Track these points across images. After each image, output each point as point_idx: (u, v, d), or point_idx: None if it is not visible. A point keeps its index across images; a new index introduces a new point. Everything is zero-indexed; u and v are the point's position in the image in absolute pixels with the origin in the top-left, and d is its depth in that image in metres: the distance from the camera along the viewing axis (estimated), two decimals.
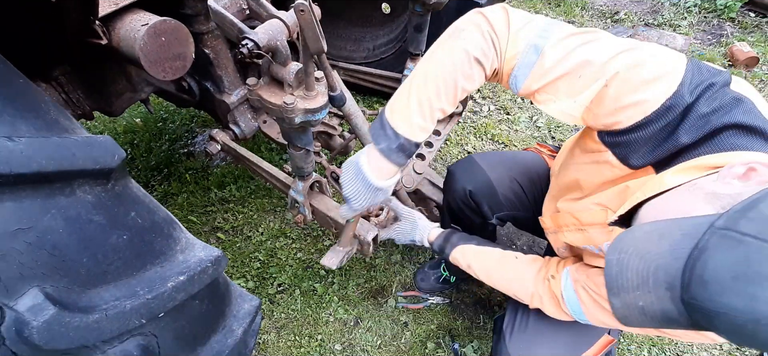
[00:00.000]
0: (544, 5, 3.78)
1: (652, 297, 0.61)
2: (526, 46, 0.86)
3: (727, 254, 0.55)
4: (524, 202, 1.36)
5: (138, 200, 0.76)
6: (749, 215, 0.56)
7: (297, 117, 0.99)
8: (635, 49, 0.82)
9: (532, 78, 0.88)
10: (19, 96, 0.64)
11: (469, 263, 1.24)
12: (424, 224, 1.38)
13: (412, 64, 1.90)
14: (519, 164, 1.38)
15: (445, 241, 1.31)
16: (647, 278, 0.62)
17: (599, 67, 0.81)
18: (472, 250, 1.25)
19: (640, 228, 0.69)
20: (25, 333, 0.57)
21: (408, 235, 1.38)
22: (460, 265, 1.27)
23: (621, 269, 0.65)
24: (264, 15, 0.99)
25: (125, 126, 2.78)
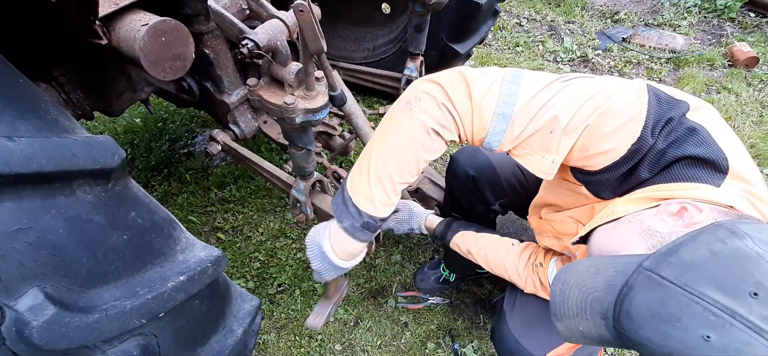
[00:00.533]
0: (544, 5, 3.78)
1: (590, 324, 0.70)
2: (493, 115, 0.86)
3: (648, 295, 0.63)
4: (526, 188, 1.38)
5: (138, 201, 0.76)
6: (670, 260, 0.63)
7: (298, 117, 0.99)
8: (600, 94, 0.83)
9: (505, 142, 0.89)
10: (19, 96, 0.64)
11: (469, 248, 1.32)
12: (419, 211, 1.46)
13: (412, 64, 1.90)
14: None
15: (446, 228, 1.39)
16: (585, 308, 0.70)
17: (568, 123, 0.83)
18: (472, 236, 1.33)
19: (581, 262, 0.76)
20: (26, 333, 0.56)
21: (406, 223, 1.44)
22: (460, 251, 1.35)
23: (563, 298, 0.74)
24: (264, 15, 0.99)
25: (125, 126, 2.78)
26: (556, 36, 3.44)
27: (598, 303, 0.69)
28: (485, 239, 1.32)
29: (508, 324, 1.22)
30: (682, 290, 0.60)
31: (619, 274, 0.68)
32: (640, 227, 0.76)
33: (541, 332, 1.19)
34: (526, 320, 1.22)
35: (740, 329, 0.57)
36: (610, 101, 0.83)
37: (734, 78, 2.96)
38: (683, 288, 0.60)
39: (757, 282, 0.58)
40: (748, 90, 2.89)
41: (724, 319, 0.58)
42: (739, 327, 0.57)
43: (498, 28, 3.52)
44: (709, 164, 0.77)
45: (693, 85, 2.93)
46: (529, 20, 3.61)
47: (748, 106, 2.76)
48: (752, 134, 2.56)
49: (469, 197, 1.43)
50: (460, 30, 2.04)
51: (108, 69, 1.47)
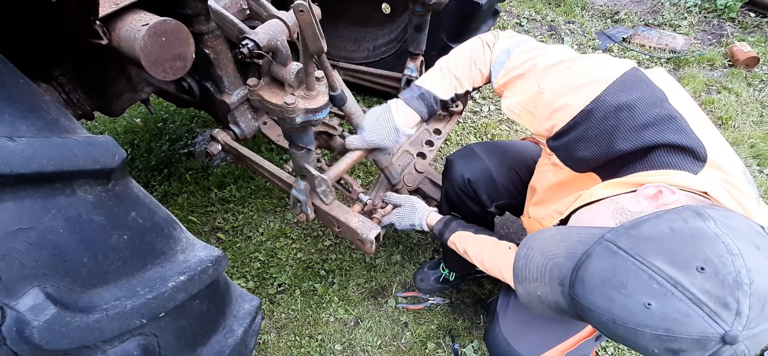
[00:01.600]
0: (544, 5, 3.78)
1: (547, 289, 0.73)
2: (502, 49, 1.14)
3: (602, 262, 0.66)
4: (522, 190, 1.38)
5: (138, 201, 0.76)
6: (630, 233, 0.66)
7: (298, 117, 0.99)
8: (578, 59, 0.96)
9: (502, 74, 1.12)
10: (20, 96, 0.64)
11: (465, 249, 1.31)
12: (422, 207, 1.46)
13: (412, 64, 1.90)
14: (517, 153, 1.41)
15: (444, 226, 1.38)
16: (545, 273, 0.74)
17: (540, 72, 1.00)
18: (469, 237, 1.32)
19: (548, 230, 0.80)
20: (26, 332, 0.57)
21: (408, 218, 1.44)
22: (457, 250, 1.34)
23: (526, 262, 0.77)
24: (264, 15, 0.99)
25: (125, 126, 2.78)
26: (556, 36, 3.44)
27: (557, 269, 0.72)
28: (482, 240, 1.30)
29: (501, 326, 1.23)
30: (633, 259, 0.62)
31: (582, 243, 0.70)
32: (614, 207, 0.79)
33: (533, 335, 1.19)
34: (518, 322, 1.22)
35: (680, 299, 0.58)
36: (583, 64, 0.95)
37: (734, 78, 2.96)
38: (634, 258, 0.62)
39: (706, 258, 0.59)
40: (748, 90, 2.89)
41: (666, 288, 0.59)
42: (680, 297, 0.59)
43: (498, 28, 3.52)
44: (688, 152, 0.79)
45: (693, 85, 2.93)
46: (529, 20, 3.61)
47: (748, 106, 2.76)
48: (752, 134, 2.56)
49: (465, 200, 1.43)
50: (460, 30, 2.04)
51: (108, 69, 1.47)
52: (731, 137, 2.56)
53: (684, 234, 0.62)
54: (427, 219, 1.43)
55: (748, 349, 0.58)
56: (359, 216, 1.36)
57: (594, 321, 0.66)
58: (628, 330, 0.62)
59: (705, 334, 0.58)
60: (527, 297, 0.78)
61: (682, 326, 0.58)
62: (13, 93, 0.63)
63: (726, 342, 0.57)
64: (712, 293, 0.57)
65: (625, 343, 0.65)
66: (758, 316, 0.57)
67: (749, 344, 0.58)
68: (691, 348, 0.59)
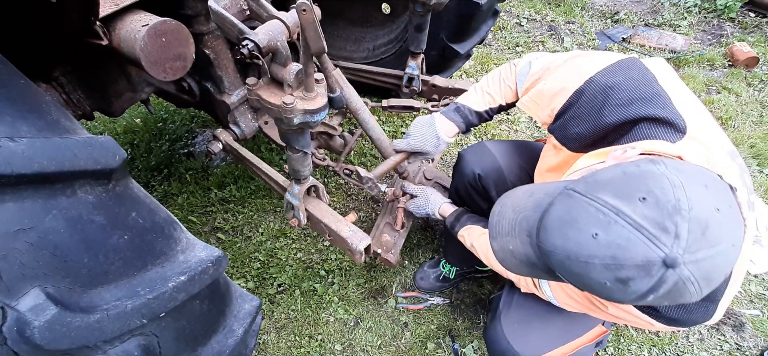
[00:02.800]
0: (544, 5, 3.78)
1: (518, 242, 0.76)
2: (525, 62, 1.27)
3: (561, 207, 0.70)
4: None
5: (139, 201, 0.76)
6: (587, 179, 0.70)
7: (296, 118, 0.99)
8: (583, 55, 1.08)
9: (525, 83, 1.24)
10: (20, 97, 0.64)
11: (473, 243, 1.34)
12: (436, 198, 1.55)
13: (413, 62, 1.90)
14: (529, 153, 1.42)
15: (456, 219, 1.44)
16: (515, 226, 0.77)
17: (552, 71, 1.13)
18: (478, 231, 1.35)
19: (520, 188, 0.85)
20: (27, 333, 0.57)
21: (423, 208, 1.55)
22: (464, 243, 1.39)
23: (499, 218, 0.82)
24: (264, 16, 0.99)
25: (125, 126, 2.78)
26: (556, 36, 3.44)
27: (525, 221, 0.75)
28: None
29: (502, 325, 1.23)
30: (584, 197, 0.67)
31: (547, 195, 0.74)
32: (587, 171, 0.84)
33: (534, 335, 1.19)
34: (520, 322, 1.22)
35: (622, 226, 0.62)
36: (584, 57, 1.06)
37: (734, 78, 2.96)
38: (586, 196, 0.67)
39: (649, 190, 0.63)
40: (748, 90, 2.89)
41: (610, 217, 0.63)
42: (622, 224, 0.62)
43: (498, 28, 3.52)
44: (667, 124, 0.84)
45: (693, 85, 2.93)
46: (529, 20, 3.61)
47: (748, 106, 2.76)
48: (752, 134, 2.56)
49: (474, 195, 1.44)
50: (460, 30, 2.04)
51: (108, 69, 1.47)
52: (731, 137, 2.56)
53: (633, 175, 0.65)
54: (441, 209, 1.51)
55: (694, 276, 0.59)
56: (350, 226, 1.36)
57: (555, 263, 0.69)
58: (581, 265, 0.65)
59: (647, 259, 0.60)
60: (502, 254, 0.81)
61: (625, 252, 0.61)
62: (13, 93, 0.63)
63: (668, 266, 0.59)
64: (651, 218, 0.60)
65: (583, 284, 0.67)
66: (698, 241, 0.59)
67: (693, 269, 0.59)
68: (637, 275, 0.61)
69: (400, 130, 2.57)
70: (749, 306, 1.83)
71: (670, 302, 0.64)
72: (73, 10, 1.02)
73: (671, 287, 0.60)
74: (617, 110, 0.91)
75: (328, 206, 1.45)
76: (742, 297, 1.85)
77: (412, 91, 1.98)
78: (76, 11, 1.03)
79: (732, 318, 1.78)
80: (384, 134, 1.58)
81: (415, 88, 1.96)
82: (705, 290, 0.61)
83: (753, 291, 1.86)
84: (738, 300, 1.84)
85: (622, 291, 0.63)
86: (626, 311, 0.91)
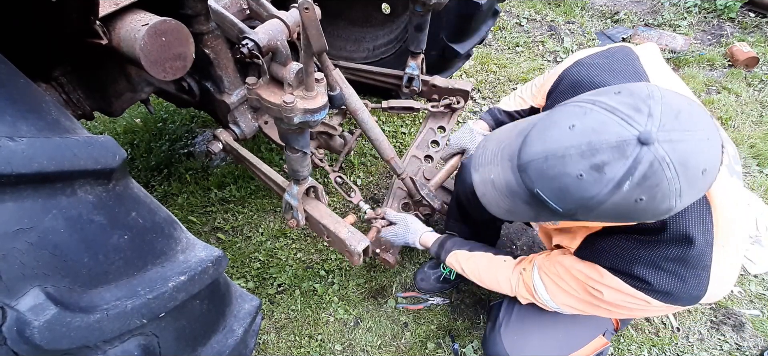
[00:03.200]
0: (544, 5, 3.78)
1: (499, 169, 0.78)
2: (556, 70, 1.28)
3: (542, 120, 0.73)
4: None
5: (139, 201, 0.76)
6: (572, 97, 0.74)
7: (296, 117, 0.99)
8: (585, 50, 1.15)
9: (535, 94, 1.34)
10: (20, 96, 0.64)
11: (463, 267, 1.32)
12: (416, 227, 1.48)
13: (413, 62, 1.90)
14: None
15: (440, 247, 1.39)
16: (498, 154, 0.79)
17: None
18: (465, 255, 1.32)
19: (506, 125, 0.87)
20: (27, 332, 0.57)
21: (401, 236, 1.48)
22: (455, 266, 1.35)
23: (483, 150, 0.84)
24: (264, 15, 0.99)
25: (125, 126, 2.78)
26: (556, 36, 3.44)
27: (508, 147, 0.78)
28: (478, 257, 1.30)
29: (501, 336, 1.23)
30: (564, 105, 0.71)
31: (530, 123, 0.77)
32: None
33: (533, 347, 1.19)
34: (519, 333, 1.22)
35: (598, 112, 0.65)
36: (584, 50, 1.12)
37: (734, 78, 2.96)
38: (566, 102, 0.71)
39: (624, 86, 0.67)
40: (748, 90, 2.89)
41: (585, 108, 0.66)
42: (598, 110, 0.65)
43: (498, 28, 3.52)
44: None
45: (693, 85, 2.93)
46: (529, 20, 3.61)
47: (748, 106, 2.76)
48: (752, 134, 2.56)
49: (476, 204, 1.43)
50: (460, 30, 2.04)
51: (108, 69, 1.46)
52: (731, 137, 2.56)
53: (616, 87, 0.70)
54: (421, 239, 1.46)
55: (669, 156, 0.60)
56: (349, 227, 1.36)
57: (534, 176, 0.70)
58: (557, 162, 0.66)
59: (621, 138, 0.61)
60: (482, 186, 0.82)
61: (600, 135, 0.63)
62: (13, 93, 0.63)
63: (642, 143, 0.60)
64: (626, 102, 0.64)
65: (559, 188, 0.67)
66: (672, 121, 0.61)
67: (668, 149, 0.60)
68: (613, 157, 0.62)
69: (400, 130, 2.57)
70: (749, 306, 1.83)
71: (648, 196, 0.62)
72: (73, 10, 1.02)
73: (647, 169, 0.60)
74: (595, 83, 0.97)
75: (326, 207, 1.45)
76: (742, 297, 1.85)
77: (412, 91, 1.98)
78: (76, 11, 1.02)
79: (732, 318, 1.78)
80: (383, 134, 1.57)
81: (415, 88, 1.96)
82: (682, 178, 0.61)
83: (753, 291, 1.86)
84: (738, 300, 1.84)
85: (597, 182, 0.63)
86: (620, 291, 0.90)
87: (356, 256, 1.32)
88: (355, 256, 1.32)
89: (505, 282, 1.21)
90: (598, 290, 0.93)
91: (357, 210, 1.54)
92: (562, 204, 0.69)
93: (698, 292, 0.85)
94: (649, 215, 0.67)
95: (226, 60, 1.58)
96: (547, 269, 1.06)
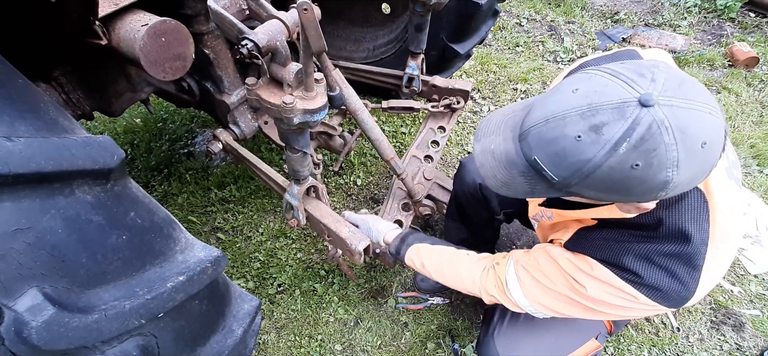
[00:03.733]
0: (544, 5, 3.78)
1: (500, 139, 0.78)
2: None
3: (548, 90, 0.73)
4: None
5: (137, 201, 0.76)
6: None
7: (296, 117, 0.99)
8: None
9: None
10: (19, 96, 0.64)
11: (423, 261, 1.24)
12: (378, 226, 1.40)
13: (413, 62, 1.90)
14: None
15: (401, 242, 1.31)
16: (501, 125, 0.80)
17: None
18: (427, 249, 1.25)
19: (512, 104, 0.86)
20: (25, 333, 0.56)
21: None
22: (415, 264, 1.27)
23: (487, 123, 0.84)
24: (264, 15, 0.99)
25: (125, 126, 2.78)
26: (556, 36, 3.43)
27: (513, 119, 0.79)
28: (439, 250, 1.24)
29: (495, 340, 1.21)
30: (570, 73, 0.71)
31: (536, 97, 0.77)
32: None
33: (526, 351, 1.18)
34: (512, 339, 1.21)
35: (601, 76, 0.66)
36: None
37: (734, 78, 2.96)
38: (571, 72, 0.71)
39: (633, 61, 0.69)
40: (748, 90, 2.88)
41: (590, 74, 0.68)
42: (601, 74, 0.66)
43: (498, 28, 3.52)
44: None
45: None
46: (529, 20, 3.61)
47: (748, 106, 2.76)
48: (752, 134, 2.55)
49: (474, 205, 1.43)
50: (460, 30, 2.04)
51: (108, 69, 1.46)
52: (731, 137, 2.56)
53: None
54: (386, 237, 1.37)
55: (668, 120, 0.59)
56: (350, 226, 1.35)
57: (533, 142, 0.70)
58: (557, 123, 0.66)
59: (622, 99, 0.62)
60: (482, 156, 0.82)
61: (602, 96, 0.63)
62: (12, 93, 0.63)
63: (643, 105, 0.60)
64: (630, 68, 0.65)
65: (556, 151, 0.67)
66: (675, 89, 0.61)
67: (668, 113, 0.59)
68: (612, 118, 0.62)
69: (400, 130, 2.57)
70: (749, 306, 1.83)
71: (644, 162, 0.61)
72: (73, 10, 1.02)
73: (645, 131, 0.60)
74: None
75: (327, 207, 1.45)
76: (742, 297, 1.85)
77: (412, 91, 1.98)
78: (75, 11, 1.03)
79: (732, 318, 1.78)
80: (383, 134, 1.57)
81: (415, 88, 1.96)
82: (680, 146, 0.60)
83: (753, 291, 1.86)
84: (738, 300, 1.84)
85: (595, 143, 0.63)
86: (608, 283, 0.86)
87: (358, 255, 1.32)
88: (356, 255, 1.32)
89: (468, 277, 1.15)
90: (582, 283, 0.89)
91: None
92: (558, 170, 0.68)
93: (687, 293, 0.83)
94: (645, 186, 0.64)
95: (226, 60, 1.58)
96: (525, 262, 1.02)
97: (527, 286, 1.00)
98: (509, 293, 1.04)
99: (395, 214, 1.69)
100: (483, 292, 1.12)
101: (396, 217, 1.68)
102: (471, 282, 1.15)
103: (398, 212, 1.69)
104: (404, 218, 1.67)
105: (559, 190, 0.73)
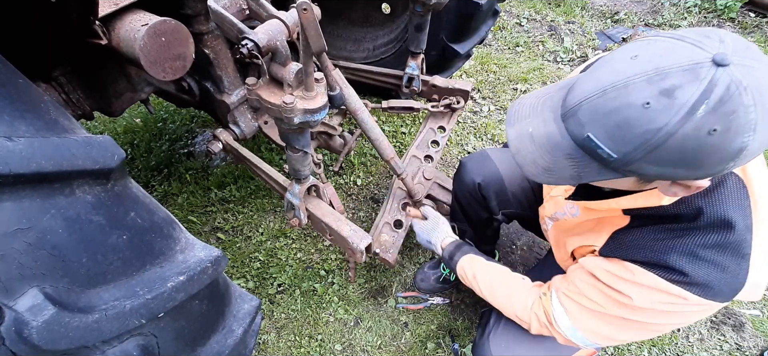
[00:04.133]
0: (544, 5, 3.78)
1: (539, 121, 0.73)
2: None
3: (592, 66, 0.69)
4: (532, 202, 1.37)
5: (138, 201, 0.76)
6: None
7: (296, 117, 0.99)
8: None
9: None
10: (19, 96, 0.64)
11: (475, 274, 1.23)
12: (444, 229, 1.41)
13: (413, 62, 1.90)
14: None
15: (456, 248, 1.32)
16: (537, 107, 0.76)
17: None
18: (481, 263, 1.25)
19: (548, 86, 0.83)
20: (25, 333, 0.56)
21: (427, 233, 1.43)
22: (466, 274, 1.26)
23: (520, 106, 0.80)
24: (264, 15, 0.99)
25: (125, 126, 2.78)
26: (556, 36, 3.43)
27: (550, 100, 0.74)
28: (494, 267, 1.22)
29: (490, 343, 1.21)
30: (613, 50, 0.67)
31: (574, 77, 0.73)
32: None
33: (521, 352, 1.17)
34: (508, 343, 1.20)
35: (663, 40, 0.61)
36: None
37: None
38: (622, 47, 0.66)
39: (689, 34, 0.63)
40: None
41: (648, 40, 0.63)
42: (662, 39, 0.61)
43: (498, 28, 3.52)
44: None
45: None
46: (529, 20, 3.61)
47: None
48: None
49: (474, 204, 1.42)
50: (460, 30, 2.04)
51: (108, 69, 1.46)
52: None
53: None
54: (443, 242, 1.37)
55: (744, 81, 0.54)
56: (351, 225, 1.36)
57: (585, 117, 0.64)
58: (619, 93, 0.60)
59: (694, 60, 0.56)
60: (518, 141, 0.76)
61: (669, 59, 0.57)
62: (12, 93, 0.63)
63: (718, 64, 0.54)
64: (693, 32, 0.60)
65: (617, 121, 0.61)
66: (744, 51, 0.56)
67: (743, 73, 0.54)
68: (685, 81, 0.56)
69: (400, 130, 2.57)
70: (749, 306, 1.83)
71: (722, 127, 0.55)
72: (73, 10, 1.02)
73: (724, 92, 0.54)
74: None
75: (328, 206, 1.45)
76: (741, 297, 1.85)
77: (412, 91, 1.98)
78: (75, 11, 1.02)
79: (732, 318, 1.78)
80: (383, 134, 1.57)
81: (415, 88, 1.96)
82: (759, 107, 0.54)
83: None
84: (738, 300, 1.84)
85: (668, 109, 0.56)
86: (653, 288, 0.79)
87: (359, 253, 1.32)
88: (358, 253, 1.32)
89: (520, 302, 1.11)
90: (626, 294, 0.83)
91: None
92: (619, 145, 0.61)
93: (737, 283, 0.77)
94: (718, 155, 0.57)
95: (226, 60, 1.58)
96: (565, 289, 0.97)
97: (574, 314, 0.95)
98: (557, 326, 0.99)
99: (395, 214, 1.69)
100: (533, 320, 1.07)
101: (396, 217, 1.68)
102: (522, 308, 1.10)
103: (398, 212, 1.69)
104: (404, 218, 1.67)
105: (615, 169, 0.66)
